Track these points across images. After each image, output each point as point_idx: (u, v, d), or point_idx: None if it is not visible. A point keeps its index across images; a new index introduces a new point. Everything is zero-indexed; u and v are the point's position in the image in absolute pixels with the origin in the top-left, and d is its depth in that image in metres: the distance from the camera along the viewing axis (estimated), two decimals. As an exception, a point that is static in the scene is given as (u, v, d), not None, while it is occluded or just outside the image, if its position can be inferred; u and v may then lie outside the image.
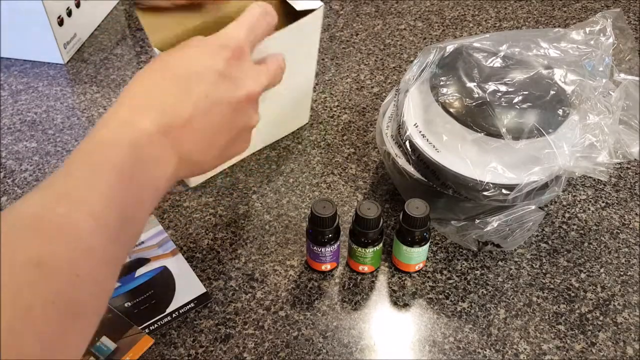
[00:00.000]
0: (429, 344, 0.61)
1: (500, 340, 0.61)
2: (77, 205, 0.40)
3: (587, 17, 0.69)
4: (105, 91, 0.91)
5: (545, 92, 0.62)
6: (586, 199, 0.75)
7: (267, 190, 0.76)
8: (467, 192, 0.62)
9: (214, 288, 0.66)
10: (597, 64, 0.63)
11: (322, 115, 0.87)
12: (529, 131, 0.59)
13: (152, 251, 0.69)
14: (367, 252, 0.64)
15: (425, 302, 0.65)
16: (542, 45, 0.65)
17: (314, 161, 0.80)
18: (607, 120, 0.60)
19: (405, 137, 0.65)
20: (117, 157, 0.43)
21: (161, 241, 0.70)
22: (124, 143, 0.44)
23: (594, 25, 0.65)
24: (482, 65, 0.64)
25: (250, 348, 0.61)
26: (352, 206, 0.74)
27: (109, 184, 0.42)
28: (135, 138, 0.44)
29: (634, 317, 0.63)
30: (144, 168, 0.45)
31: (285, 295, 0.65)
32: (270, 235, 0.71)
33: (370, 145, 0.82)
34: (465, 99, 0.62)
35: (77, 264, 0.38)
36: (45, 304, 0.35)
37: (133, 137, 0.44)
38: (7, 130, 0.85)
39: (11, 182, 0.78)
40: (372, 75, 0.94)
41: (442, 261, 0.68)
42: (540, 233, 0.71)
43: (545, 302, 0.64)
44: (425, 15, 1.07)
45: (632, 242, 0.70)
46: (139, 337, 0.61)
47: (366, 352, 0.61)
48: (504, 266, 0.68)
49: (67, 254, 0.38)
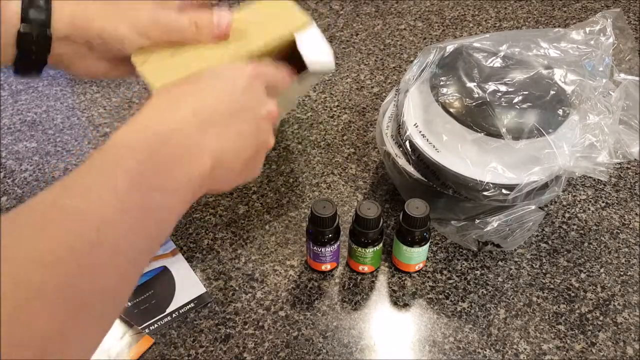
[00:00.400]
0: (429, 344, 0.61)
1: (500, 340, 0.61)
2: (89, 197, 0.40)
3: (587, 17, 0.69)
4: (105, 91, 0.91)
5: (545, 92, 0.62)
6: (586, 199, 0.75)
7: (267, 190, 0.76)
8: (467, 192, 0.62)
9: (214, 288, 0.66)
10: (597, 64, 0.63)
11: (322, 115, 0.87)
12: (529, 131, 0.59)
13: (152, 251, 0.69)
14: (367, 252, 0.64)
15: (425, 302, 0.65)
16: (542, 45, 0.65)
17: (314, 161, 0.80)
18: (607, 120, 0.60)
19: (405, 137, 0.65)
20: (134, 158, 0.43)
21: (161, 241, 0.70)
22: (142, 144, 0.44)
23: (594, 25, 0.65)
24: (482, 65, 0.64)
25: (250, 348, 0.61)
26: (352, 206, 0.74)
27: (123, 184, 0.41)
28: (160, 134, 0.45)
29: (634, 317, 0.63)
30: (169, 166, 0.44)
31: (285, 295, 0.65)
32: (270, 235, 0.71)
33: (370, 145, 0.82)
34: (465, 99, 0.62)
35: (82, 256, 0.38)
36: (46, 295, 0.35)
37: (156, 135, 0.45)
38: (7, 130, 0.85)
39: (11, 182, 0.78)
40: (372, 75, 0.94)
41: (442, 261, 0.68)
42: (540, 233, 0.71)
43: (545, 302, 0.64)
44: (425, 15, 1.07)
45: (632, 242, 0.70)
46: (139, 337, 0.61)
47: (366, 352, 0.61)
48: (504, 266, 0.68)
49: (72, 245, 0.38)
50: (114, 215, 0.40)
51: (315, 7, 1.09)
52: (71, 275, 0.37)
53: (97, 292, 0.39)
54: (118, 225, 0.40)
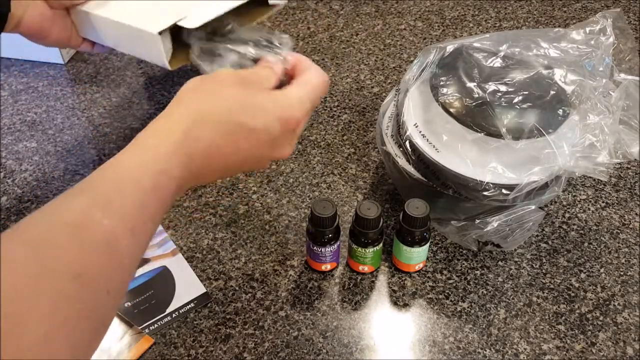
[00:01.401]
0: (429, 344, 0.61)
1: (500, 340, 0.61)
2: (120, 219, 0.40)
3: (587, 17, 0.69)
4: (105, 91, 0.91)
5: (545, 92, 0.62)
6: (586, 199, 0.75)
7: (267, 190, 0.76)
8: (467, 192, 0.62)
9: (214, 288, 0.66)
10: (597, 64, 0.63)
11: (322, 115, 0.87)
12: (529, 131, 0.59)
13: (152, 251, 0.69)
14: (367, 252, 0.64)
15: (425, 302, 0.65)
16: (542, 45, 0.65)
17: (314, 161, 0.80)
18: (607, 120, 0.60)
19: (405, 137, 0.65)
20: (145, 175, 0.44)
21: (161, 241, 0.70)
22: (151, 167, 0.44)
23: (594, 25, 0.65)
24: (482, 65, 0.64)
25: (250, 348, 0.61)
26: (352, 206, 0.74)
27: (142, 200, 0.42)
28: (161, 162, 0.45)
29: (634, 317, 0.63)
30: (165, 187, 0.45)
31: (285, 295, 0.65)
32: (270, 235, 0.71)
33: (370, 145, 0.82)
34: (465, 99, 0.62)
35: (111, 280, 0.39)
36: (80, 318, 0.36)
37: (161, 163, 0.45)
38: (7, 130, 0.85)
39: (11, 182, 0.78)
40: (372, 75, 0.94)
41: (442, 261, 0.68)
42: (540, 233, 0.71)
43: (545, 302, 0.64)
44: (425, 15, 1.07)
45: (632, 242, 0.70)
46: (139, 337, 0.61)
47: (366, 352, 0.61)
48: (504, 266, 0.68)
49: (104, 269, 0.39)
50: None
51: (315, 7, 1.09)
52: (100, 298, 0.39)
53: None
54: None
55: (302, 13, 1.07)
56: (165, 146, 0.45)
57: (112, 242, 0.39)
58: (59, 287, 0.35)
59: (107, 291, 0.38)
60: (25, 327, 0.33)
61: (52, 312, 0.35)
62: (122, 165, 0.43)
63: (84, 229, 0.38)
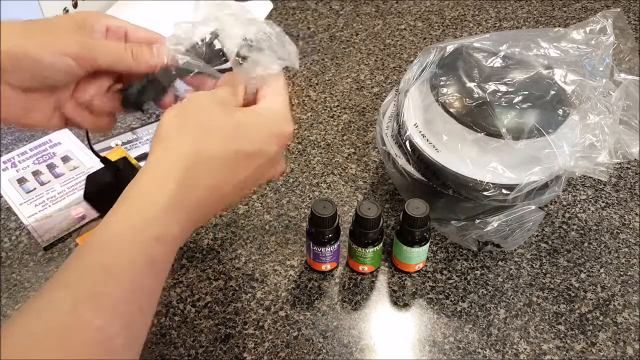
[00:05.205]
0: (429, 344, 0.61)
1: (500, 340, 0.61)
2: (112, 316, 0.38)
3: (587, 17, 0.69)
4: (105, 91, 0.91)
5: (546, 92, 0.62)
6: (586, 199, 0.75)
7: (267, 190, 0.76)
8: (467, 192, 0.62)
9: (214, 288, 0.66)
10: (597, 64, 0.63)
11: (322, 115, 0.87)
12: (529, 131, 0.59)
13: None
14: (367, 252, 0.64)
15: (425, 302, 0.65)
16: (542, 45, 0.65)
17: (314, 161, 0.80)
18: (607, 120, 0.60)
19: (405, 137, 0.65)
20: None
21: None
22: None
23: (594, 25, 0.65)
24: (482, 65, 0.64)
25: (250, 348, 0.61)
26: (352, 206, 0.74)
27: (136, 283, 0.42)
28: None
29: (634, 317, 0.63)
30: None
31: (285, 295, 0.65)
32: (270, 235, 0.71)
33: (370, 145, 0.82)
34: (465, 99, 0.62)
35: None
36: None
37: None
38: (7, 130, 0.85)
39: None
40: (372, 75, 0.94)
41: (442, 261, 0.68)
42: (540, 233, 0.71)
43: (545, 302, 0.64)
44: (425, 15, 1.07)
45: (632, 242, 0.70)
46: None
47: (366, 352, 0.61)
48: (504, 266, 0.68)
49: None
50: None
51: (315, 7, 1.09)
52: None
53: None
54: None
55: (302, 13, 1.07)
56: (159, 204, 0.41)
57: (105, 342, 0.36)
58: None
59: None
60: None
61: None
62: (110, 238, 0.40)
63: (73, 331, 0.36)
